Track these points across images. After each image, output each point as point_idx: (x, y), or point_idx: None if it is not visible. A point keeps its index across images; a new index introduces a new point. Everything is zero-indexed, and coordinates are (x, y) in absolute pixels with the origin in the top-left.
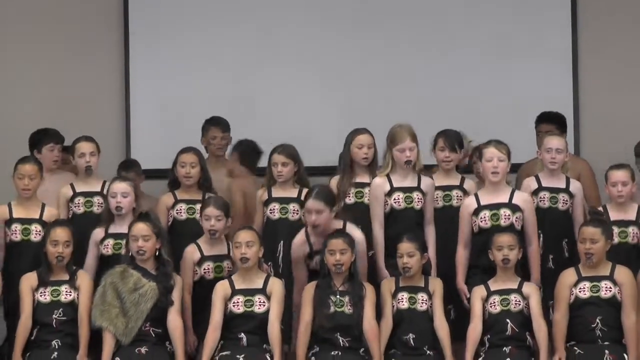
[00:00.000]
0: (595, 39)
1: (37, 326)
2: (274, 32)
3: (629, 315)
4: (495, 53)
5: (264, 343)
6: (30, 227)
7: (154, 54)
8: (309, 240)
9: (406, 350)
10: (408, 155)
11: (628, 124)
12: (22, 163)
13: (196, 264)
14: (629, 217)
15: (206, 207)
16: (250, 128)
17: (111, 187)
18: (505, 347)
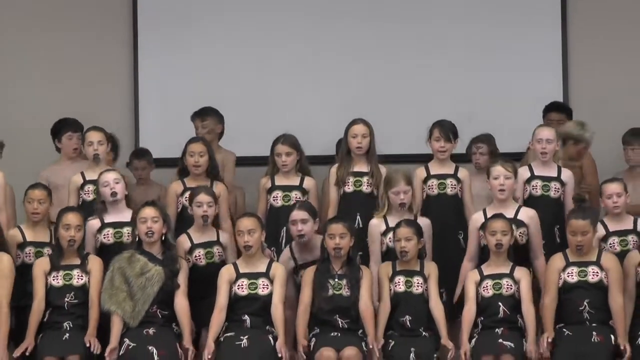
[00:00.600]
0: (585, 32)
1: (49, 308)
2: (275, 31)
3: (616, 298)
4: (487, 48)
5: (267, 325)
6: (43, 250)
7: (161, 51)
8: (294, 255)
9: (403, 332)
10: (402, 198)
11: (616, 116)
12: (31, 188)
13: (187, 253)
14: (627, 226)
15: (198, 194)
16: (253, 120)
17: (102, 176)
18: (497, 329)
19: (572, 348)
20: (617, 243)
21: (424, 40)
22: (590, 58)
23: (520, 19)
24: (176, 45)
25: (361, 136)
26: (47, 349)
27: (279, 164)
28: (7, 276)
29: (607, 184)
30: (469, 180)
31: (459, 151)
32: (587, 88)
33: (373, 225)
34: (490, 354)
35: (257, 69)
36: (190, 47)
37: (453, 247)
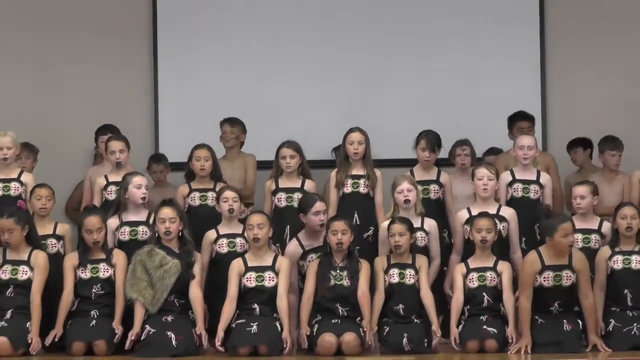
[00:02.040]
0: (561, 47)
1: (78, 298)
2: (281, 45)
3: (587, 295)
4: (471, 63)
5: (274, 313)
6: (46, 242)
7: (179, 63)
8: (301, 243)
9: (397, 319)
10: (406, 195)
11: (591, 123)
12: (38, 187)
13: (212, 243)
14: (592, 226)
15: (224, 190)
16: (260, 126)
17: (135, 179)
18: (482, 316)
19: (547, 336)
20: (580, 240)
21: (415, 56)
22: (566, 72)
23: (502, 36)
24: (193, 61)
25: (357, 143)
26: (75, 335)
27: (283, 165)
28: (42, 271)
29: (576, 186)
30: (450, 183)
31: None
32: (563, 98)
33: (383, 228)
34: (476, 339)
35: (263, 85)
36: (206, 63)
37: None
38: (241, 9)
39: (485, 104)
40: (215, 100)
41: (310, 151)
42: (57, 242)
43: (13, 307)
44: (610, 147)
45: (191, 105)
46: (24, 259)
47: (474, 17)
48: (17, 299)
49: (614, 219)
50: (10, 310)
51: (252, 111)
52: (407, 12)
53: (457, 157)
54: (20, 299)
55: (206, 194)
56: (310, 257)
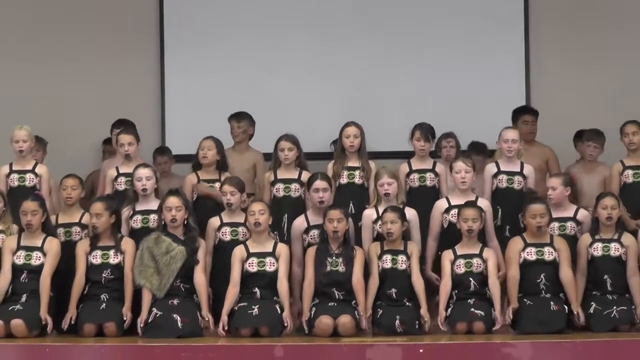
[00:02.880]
0: (545, 48)
1: (89, 283)
2: (284, 42)
3: (566, 272)
4: (461, 61)
5: (274, 296)
6: (71, 229)
7: (185, 59)
8: (307, 218)
9: (389, 302)
10: (386, 188)
11: (573, 118)
12: (65, 178)
13: (216, 230)
14: (568, 214)
15: (223, 184)
16: (262, 120)
17: (137, 171)
18: (469, 300)
19: (534, 315)
20: (556, 228)
21: (410, 56)
22: (550, 69)
23: (489, 37)
24: (199, 56)
25: (353, 136)
26: (87, 317)
27: (281, 157)
28: (54, 256)
29: (550, 177)
30: (445, 173)
31: None
32: (546, 95)
33: (366, 215)
34: (464, 321)
35: (266, 81)
36: (211, 59)
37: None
38: (246, 6)
39: (474, 100)
40: (220, 95)
41: (310, 144)
42: (82, 231)
43: (27, 291)
44: (587, 138)
45: (197, 99)
46: (38, 245)
47: (463, 21)
48: (31, 284)
49: (595, 208)
50: (25, 295)
51: (255, 105)
52: (403, 15)
53: (443, 149)
54: (34, 283)
55: (213, 184)
56: (314, 233)
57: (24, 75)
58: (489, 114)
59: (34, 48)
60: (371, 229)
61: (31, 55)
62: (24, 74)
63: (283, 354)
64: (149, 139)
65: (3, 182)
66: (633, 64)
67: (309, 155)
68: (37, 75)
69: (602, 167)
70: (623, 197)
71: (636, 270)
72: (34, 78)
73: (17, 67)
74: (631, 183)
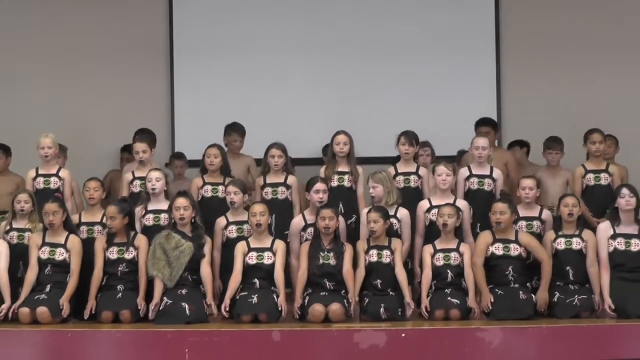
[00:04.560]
0: (514, 67)
1: (106, 275)
2: (278, 62)
3: (541, 255)
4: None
5: (272, 286)
6: (93, 228)
7: (193, 72)
8: (305, 217)
9: (375, 292)
10: (371, 192)
11: (538, 127)
12: (88, 180)
13: (223, 228)
14: (534, 214)
15: (228, 186)
16: (260, 128)
17: (148, 174)
18: (447, 289)
19: (505, 303)
20: (524, 226)
21: (391, 72)
22: (517, 86)
23: (464, 57)
24: (204, 72)
25: (343, 144)
26: (104, 305)
27: (271, 163)
28: (78, 253)
29: (523, 179)
30: (427, 176)
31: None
32: (515, 108)
33: (363, 214)
34: (442, 309)
35: (264, 94)
36: (216, 75)
37: (414, 228)
38: (245, 30)
39: (450, 111)
40: (222, 107)
41: (301, 151)
42: (103, 229)
43: (51, 282)
44: (552, 147)
45: (202, 109)
46: (61, 242)
47: (441, 43)
48: (54, 276)
49: (558, 207)
50: (49, 285)
51: (252, 117)
52: (386, 37)
53: (420, 157)
54: (57, 276)
55: (217, 187)
56: (310, 230)
57: (50, 91)
58: (463, 124)
59: (59, 68)
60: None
61: (56, 74)
62: (49, 90)
63: (280, 338)
64: (160, 146)
65: (30, 185)
66: (589, 80)
67: (300, 161)
68: (61, 90)
69: (563, 171)
70: (585, 198)
71: (595, 262)
72: (58, 94)
73: (44, 84)
74: (593, 185)
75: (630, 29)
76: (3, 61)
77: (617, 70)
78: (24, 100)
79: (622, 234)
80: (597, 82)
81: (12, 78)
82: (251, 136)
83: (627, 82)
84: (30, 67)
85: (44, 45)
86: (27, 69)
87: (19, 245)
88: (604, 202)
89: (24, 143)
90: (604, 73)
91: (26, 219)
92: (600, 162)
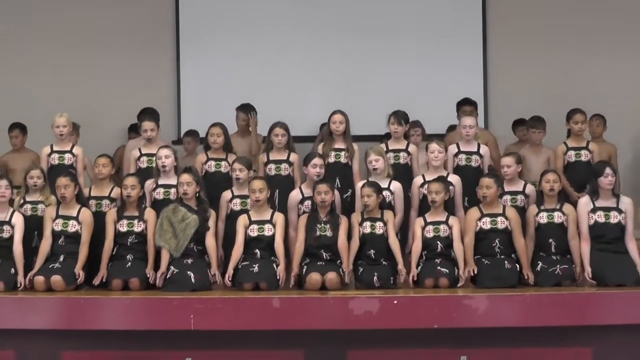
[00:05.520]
0: (500, 48)
1: (117, 246)
2: (278, 45)
3: (519, 239)
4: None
5: (272, 256)
6: (101, 202)
7: (197, 54)
8: (302, 191)
9: (369, 262)
10: (374, 164)
11: (522, 107)
12: (98, 157)
13: (228, 201)
14: (518, 189)
15: (234, 162)
16: (263, 107)
17: (159, 151)
18: (436, 259)
19: (491, 272)
20: (509, 200)
21: (385, 54)
22: (503, 68)
23: (452, 37)
24: (209, 54)
25: (339, 122)
26: (115, 274)
27: (275, 142)
28: (89, 226)
29: (503, 157)
30: (416, 153)
31: None
32: (501, 88)
33: (358, 188)
34: (432, 277)
35: (267, 75)
36: (221, 56)
37: (407, 201)
38: (248, 13)
39: (439, 91)
40: (226, 86)
41: (300, 128)
42: (111, 203)
43: (65, 253)
44: (534, 126)
45: (207, 90)
46: (73, 215)
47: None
48: (67, 247)
49: (540, 182)
50: (62, 255)
51: (256, 95)
52: (380, 20)
53: (411, 137)
54: (70, 246)
55: (220, 162)
56: (307, 203)
57: (62, 73)
58: (451, 104)
59: (71, 53)
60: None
61: (68, 58)
62: (62, 72)
63: (279, 305)
64: (166, 124)
65: (45, 161)
66: (572, 62)
67: (299, 139)
68: (73, 72)
69: (545, 148)
70: (567, 173)
71: (575, 235)
72: (70, 76)
73: (57, 67)
74: (574, 162)
75: (612, 13)
76: (20, 47)
77: (599, 53)
78: (39, 82)
79: (602, 207)
80: (580, 64)
81: (28, 62)
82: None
83: (609, 64)
84: (45, 51)
85: (57, 30)
86: (41, 53)
87: (33, 216)
88: (584, 177)
89: (39, 122)
90: (587, 55)
91: (38, 193)
92: (581, 140)
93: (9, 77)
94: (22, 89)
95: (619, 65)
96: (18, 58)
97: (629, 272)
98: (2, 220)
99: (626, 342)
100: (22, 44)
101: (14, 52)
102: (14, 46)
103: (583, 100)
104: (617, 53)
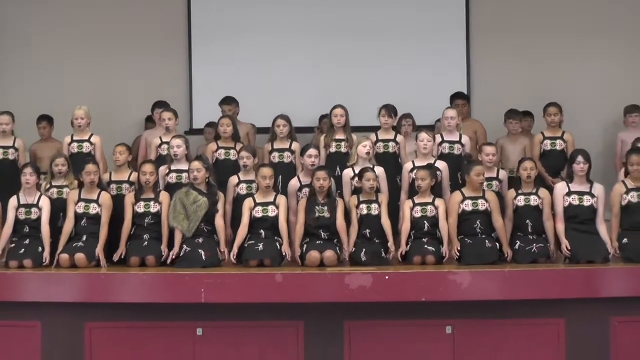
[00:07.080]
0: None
1: (134, 226)
2: (282, 43)
3: (497, 219)
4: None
5: (275, 235)
6: (121, 185)
7: (207, 52)
8: (300, 179)
9: (364, 240)
10: (367, 149)
11: (503, 100)
12: (116, 146)
13: (235, 185)
14: (492, 174)
15: (241, 150)
16: (266, 100)
17: (171, 141)
18: (423, 238)
19: (474, 250)
20: (485, 186)
21: (377, 52)
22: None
23: (438, 36)
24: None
25: (340, 116)
26: (133, 252)
27: (277, 132)
28: (108, 208)
29: (485, 146)
30: (404, 142)
31: None
32: (483, 83)
33: (345, 173)
34: (419, 255)
35: (271, 71)
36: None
37: (395, 186)
38: (254, 15)
39: (427, 85)
40: (234, 81)
41: (300, 120)
42: (130, 187)
43: (87, 233)
44: (511, 117)
45: (217, 84)
46: (94, 198)
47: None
48: (89, 228)
49: (517, 169)
50: (84, 235)
51: (260, 89)
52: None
53: (402, 127)
54: (91, 227)
55: (229, 151)
56: (305, 190)
57: (84, 70)
58: (439, 97)
59: (93, 51)
60: (350, 186)
61: (90, 56)
62: (84, 68)
63: (282, 280)
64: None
65: (65, 149)
66: (550, 58)
67: (299, 130)
68: (94, 69)
69: (522, 138)
70: (542, 160)
71: (550, 216)
72: (91, 72)
73: (79, 64)
74: (549, 150)
75: (590, 12)
76: (48, 47)
77: (576, 50)
78: (64, 79)
79: (576, 191)
80: (557, 60)
81: (54, 60)
82: (258, 106)
83: (584, 60)
84: (69, 51)
85: (80, 31)
86: (66, 52)
87: (58, 199)
88: (558, 164)
89: (64, 113)
90: (564, 52)
91: (63, 178)
92: (556, 130)
93: (40, 72)
94: (51, 85)
95: (591, 62)
96: (49, 56)
97: (599, 250)
98: (31, 203)
99: (595, 313)
100: (53, 44)
101: (46, 51)
102: (47, 45)
103: (556, 93)
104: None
